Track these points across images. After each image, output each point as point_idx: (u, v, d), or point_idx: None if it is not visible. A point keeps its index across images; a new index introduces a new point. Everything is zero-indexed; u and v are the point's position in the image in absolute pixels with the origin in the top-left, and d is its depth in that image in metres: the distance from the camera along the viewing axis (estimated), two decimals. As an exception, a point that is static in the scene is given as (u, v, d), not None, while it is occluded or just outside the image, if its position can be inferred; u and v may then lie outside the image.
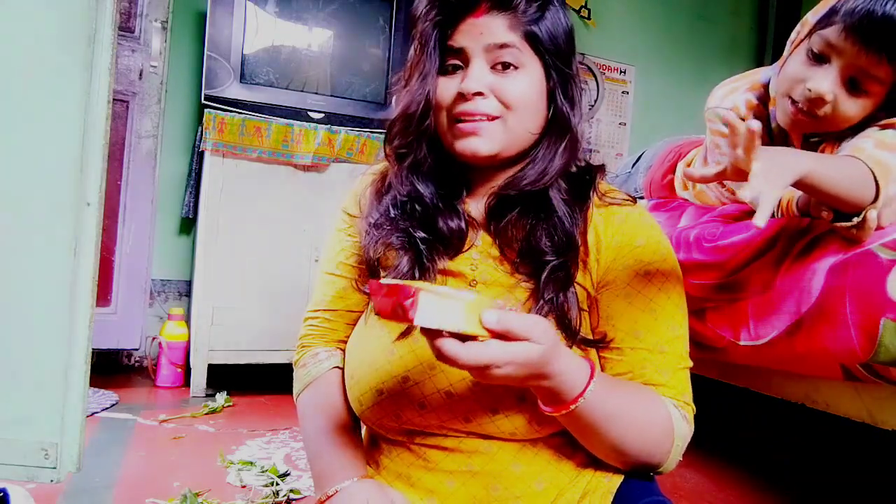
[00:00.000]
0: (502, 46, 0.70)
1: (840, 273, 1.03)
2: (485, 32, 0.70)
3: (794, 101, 1.02)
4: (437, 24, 0.72)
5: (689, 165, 1.75)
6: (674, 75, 3.40)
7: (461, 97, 0.70)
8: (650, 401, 0.70)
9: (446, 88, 0.72)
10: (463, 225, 0.75)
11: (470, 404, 0.70)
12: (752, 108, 1.21)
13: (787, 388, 1.29)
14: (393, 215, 0.76)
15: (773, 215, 1.26)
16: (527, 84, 0.71)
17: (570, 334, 0.71)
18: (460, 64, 0.72)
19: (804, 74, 0.99)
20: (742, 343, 1.20)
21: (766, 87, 1.19)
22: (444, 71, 0.73)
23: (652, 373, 0.73)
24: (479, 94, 0.70)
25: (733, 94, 1.25)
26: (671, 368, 0.73)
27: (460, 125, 0.71)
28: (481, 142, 0.71)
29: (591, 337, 0.74)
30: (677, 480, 1.53)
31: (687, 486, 1.50)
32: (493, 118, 0.71)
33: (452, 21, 0.71)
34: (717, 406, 2.26)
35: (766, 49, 3.53)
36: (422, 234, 0.74)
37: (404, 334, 0.72)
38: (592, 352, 0.75)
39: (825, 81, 0.96)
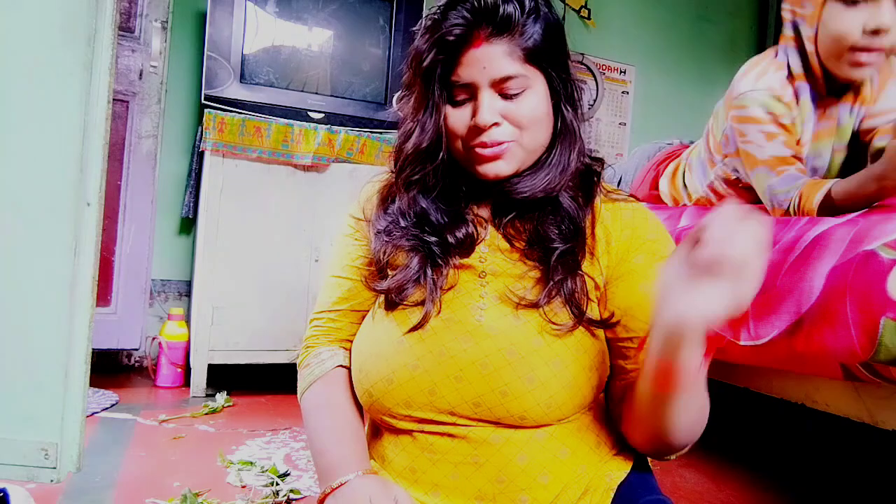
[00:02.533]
0: (507, 79, 0.72)
1: (841, 273, 1.03)
2: (487, 66, 0.72)
3: (854, 49, 1.16)
4: (439, 63, 0.73)
5: (675, 175, 1.75)
6: (674, 75, 3.40)
7: (476, 129, 0.73)
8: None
9: (458, 119, 0.75)
10: (471, 230, 0.78)
11: (479, 388, 0.71)
12: (787, 86, 1.29)
13: (787, 388, 1.29)
14: (403, 225, 0.79)
15: (790, 214, 1.26)
16: (535, 103, 0.74)
17: (578, 314, 0.73)
18: (468, 95, 0.74)
19: (854, 20, 1.14)
20: (742, 343, 1.20)
21: (788, 66, 1.28)
22: (452, 101, 0.75)
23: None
24: (495, 124, 0.72)
25: (764, 76, 1.30)
26: None
27: (480, 151, 0.74)
28: (504, 164, 0.74)
29: (597, 318, 0.76)
30: (677, 480, 1.53)
31: (687, 486, 1.50)
32: (510, 142, 0.74)
33: (454, 56, 0.73)
34: (718, 406, 2.26)
35: (766, 49, 3.53)
36: (433, 239, 0.77)
37: (415, 328, 0.74)
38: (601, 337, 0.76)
39: (885, 13, 1.12)
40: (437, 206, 0.79)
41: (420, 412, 0.73)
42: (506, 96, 0.73)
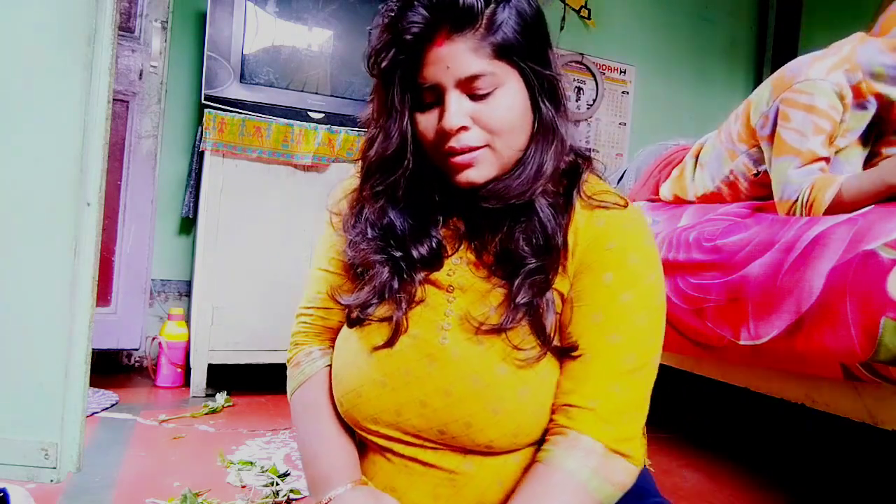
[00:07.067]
0: (474, 78, 0.65)
1: (840, 272, 1.03)
2: (451, 64, 0.64)
3: None
4: (399, 63, 0.67)
5: (681, 176, 1.74)
6: (674, 75, 3.40)
7: (444, 134, 0.67)
8: (547, 495, 0.65)
9: (427, 124, 0.68)
10: (434, 245, 0.74)
11: (443, 416, 0.69)
12: (848, 87, 1.28)
13: (787, 388, 1.29)
14: (371, 236, 0.75)
15: (796, 212, 1.26)
16: (509, 102, 0.67)
17: (544, 341, 0.68)
18: (435, 98, 0.68)
19: None
20: (742, 343, 1.20)
21: (860, 68, 1.27)
22: (420, 106, 0.69)
23: (565, 382, 0.69)
24: (463, 128, 0.66)
25: (836, 70, 1.28)
26: (590, 378, 0.68)
27: (454, 159, 0.68)
28: (475, 172, 0.68)
29: (560, 345, 0.71)
30: (677, 480, 1.53)
31: (687, 486, 1.50)
32: (481, 147, 0.67)
33: (416, 55, 0.66)
34: (718, 406, 2.26)
35: (766, 49, 3.53)
36: (399, 254, 0.73)
37: (384, 346, 0.71)
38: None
39: None
40: (405, 219, 0.74)
41: (387, 430, 0.71)
42: (475, 97, 0.66)
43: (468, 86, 0.66)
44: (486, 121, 0.66)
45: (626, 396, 0.68)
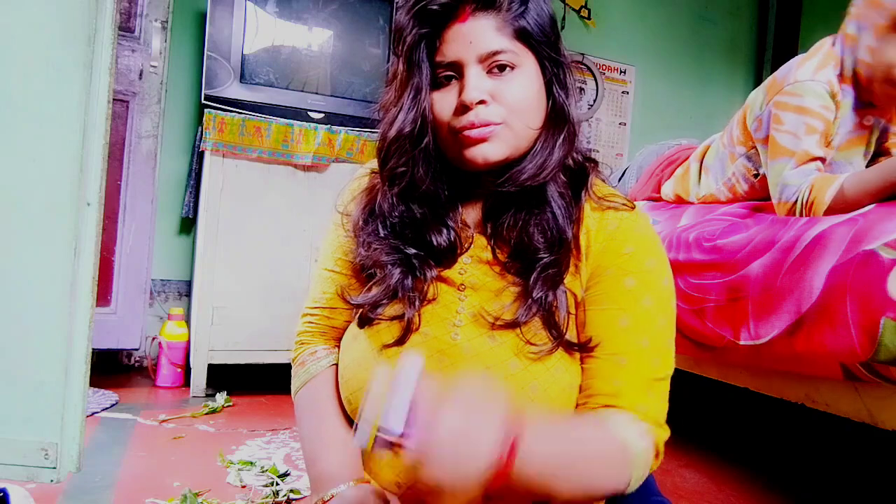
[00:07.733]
0: (495, 53, 0.68)
1: (841, 272, 1.03)
2: (474, 40, 0.68)
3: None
4: (422, 37, 0.69)
5: (684, 176, 1.74)
6: (674, 75, 3.40)
7: (462, 108, 0.68)
8: (597, 437, 0.66)
9: (444, 102, 0.70)
10: (453, 237, 0.75)
11: None
12: (837, 83, 1.29)
13: (787, 388, 1.29)
14: (382, 235, 0.75)
15: (796, 213, 1.26)
16: (525, 83, 0.70)
17: (557, 335, 0.70)
18: (453, 75, 0.70)
19: None
20: (742, 343, 1.20)
21: (842, 64, 1.29)
22: (437, 84, 0.71)
23: (608, 385, 0.70)
24: (482, 102, 0.68)
25: (823, 69, 1.29)
26: (632, 382, 0.70)
27: (468, 133, 0.69)
28: (491, 147, 0.69)
29: (576, 341, 0.73)
30: (677, 480, 1.53)
31: (687, 486, 1.50)
32: (498, 124, 0.69)
33: (438, 31, 0.69)
34: (718, 406, 2.26)
35: (766, 49, 3.53)
36: (413, 251, 0.74)
37: (395, 343, 0.72)
38: (574, 364, 0.73)
39: None
40: (422, 208, 0.75)
41: None
42: (494, 74, 0.69)
43: (488, 62, 0.68)
44: (503, 97, 0.69)
45: (659, 403, 0.71)
